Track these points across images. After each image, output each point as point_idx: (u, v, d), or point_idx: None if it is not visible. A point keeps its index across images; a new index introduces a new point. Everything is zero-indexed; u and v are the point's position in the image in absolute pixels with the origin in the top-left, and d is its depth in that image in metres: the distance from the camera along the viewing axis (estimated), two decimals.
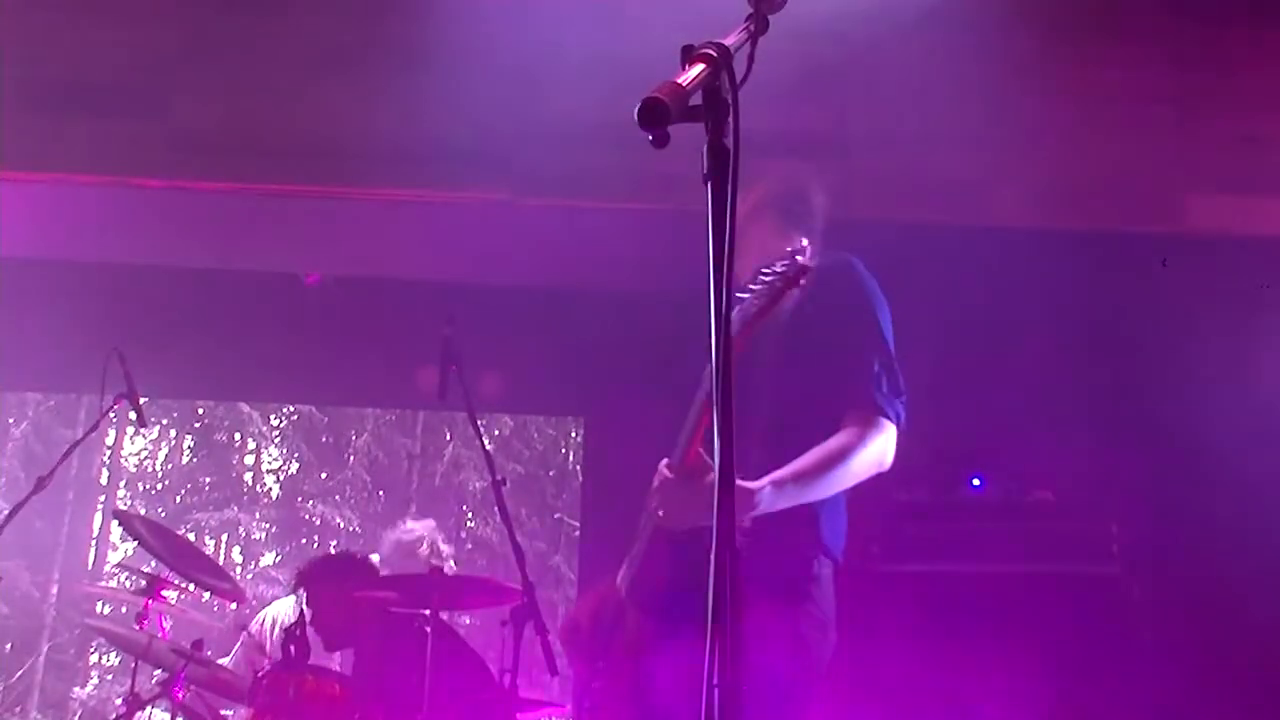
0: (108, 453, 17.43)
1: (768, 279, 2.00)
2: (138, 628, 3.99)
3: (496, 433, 16.71)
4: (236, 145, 4.20)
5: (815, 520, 2.29)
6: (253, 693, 3.62)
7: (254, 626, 4.51)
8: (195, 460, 18.70)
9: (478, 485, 16.85)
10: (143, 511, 15.36)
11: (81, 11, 4.25)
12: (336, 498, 17.43)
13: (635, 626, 2.21)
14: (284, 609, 4.48)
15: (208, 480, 18.47)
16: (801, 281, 1.97)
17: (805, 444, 2.24)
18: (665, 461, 2.18)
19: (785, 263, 1.94)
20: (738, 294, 2.09)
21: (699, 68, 1.39)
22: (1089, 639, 3.91)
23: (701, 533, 2.10)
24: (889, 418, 2.30)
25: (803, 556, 2.28)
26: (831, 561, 2.35)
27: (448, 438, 17.39)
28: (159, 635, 3.94)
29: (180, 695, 3.77)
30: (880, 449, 2.28)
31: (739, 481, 2.07)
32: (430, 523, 4.58)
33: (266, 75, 4.23)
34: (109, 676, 15.99)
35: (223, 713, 4.16)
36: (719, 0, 1.80)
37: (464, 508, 18.00)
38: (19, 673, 14.93)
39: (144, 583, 4.05)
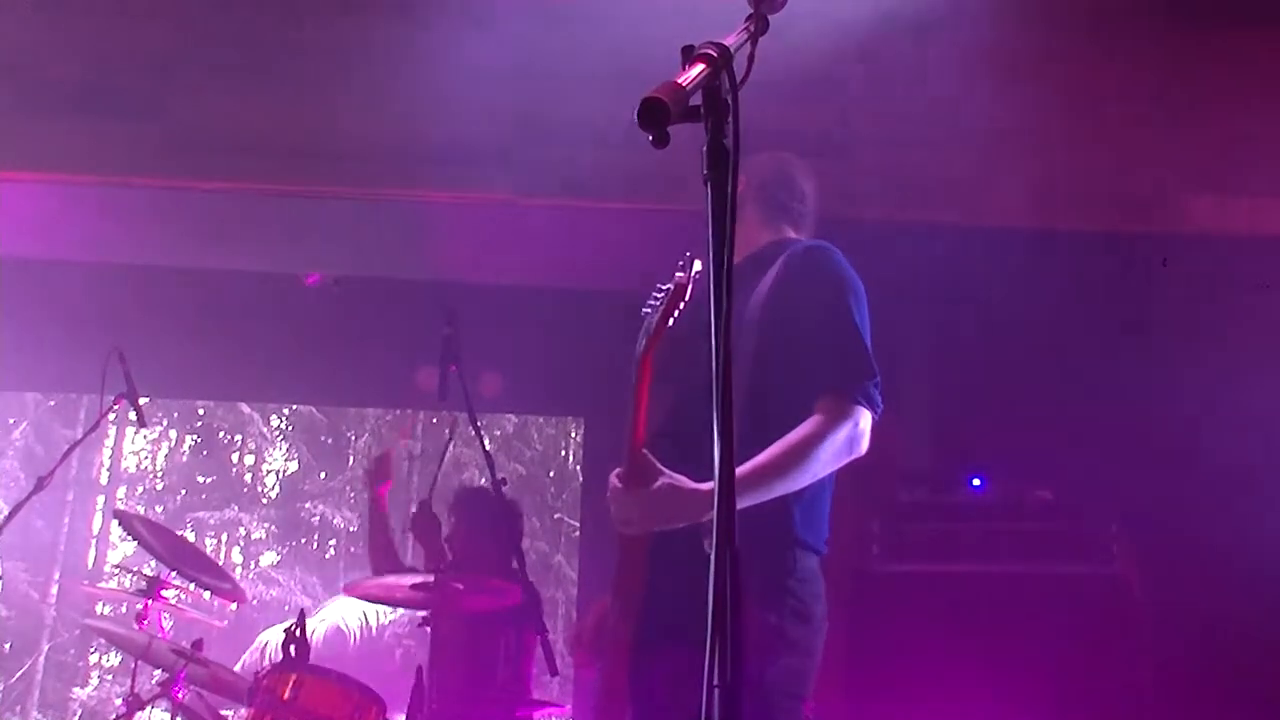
0: (108, 453, 17.43)
1: (659, 295, 2.05)
2: (138, 628, 3.99)
3: (497, 433, 16.70)
4: (234, 145, 4.19)
5: (787, 513, 2.25)
6: (253, 693, 3.61)
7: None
8: (195, 460, 18.69)
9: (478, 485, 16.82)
10: (142, 511, 15.35)
11: (80, 12, 4.25)
12: (336, 498, 17.41)
13: (618, 632, 2.21)
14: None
15: (208, 480, 18.46)
16: (686, 294, 2.02)
17: (781, 434, 2.20)
18: (616, 471, 2.16)
19: (676, 275, 2.02)
20: (643, 309, 2.14)
21: (699, 68, 1.38)
22: (1089, 639, 3.91)
23: (666, 536, 2.12)
24: (859, 402, 2.25)
25: (775, 551, 2.24)
26: (812, 553, 2.31)
27: (448, 437, 17.36)
28: (159, 635, 3.95)
29: (180, 695, 3.77)
30: (849, 435, 2.23)
31: (692, 485, 2.08)
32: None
33: (264, 75, 4.23)
34: (109, 676, 15.99)
35: (222, 713, 4.16)
36: (719, 0, 1.80)
37: None
38: (19, 673, 14.91)
39: (144, 583, 4.06)
